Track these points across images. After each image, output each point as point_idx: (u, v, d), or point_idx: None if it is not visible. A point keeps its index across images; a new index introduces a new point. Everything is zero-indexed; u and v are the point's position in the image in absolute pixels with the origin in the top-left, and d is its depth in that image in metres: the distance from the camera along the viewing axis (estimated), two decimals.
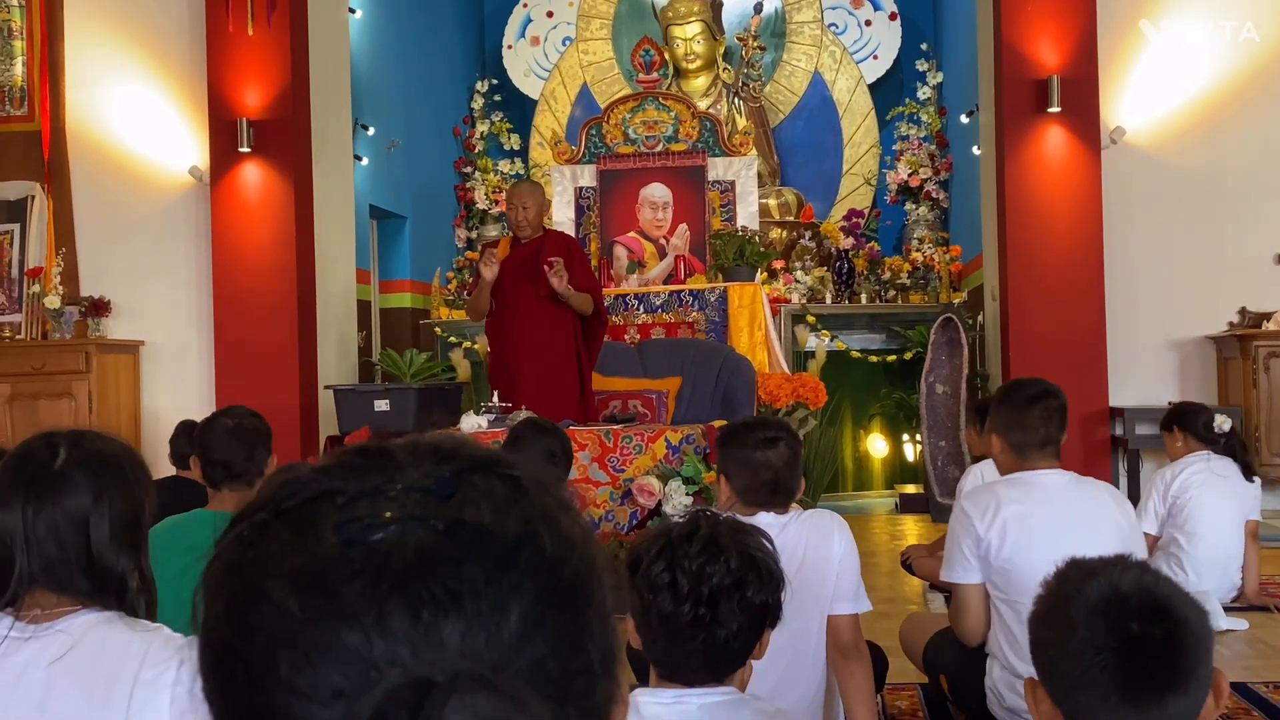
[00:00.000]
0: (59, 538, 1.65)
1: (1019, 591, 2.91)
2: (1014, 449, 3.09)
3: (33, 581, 1.65)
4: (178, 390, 7.83)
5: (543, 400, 5.62)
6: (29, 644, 1.62)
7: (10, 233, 7.95)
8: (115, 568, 1.69)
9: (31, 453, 1.72)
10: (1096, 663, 1.36)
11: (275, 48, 7.56)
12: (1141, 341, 7.32)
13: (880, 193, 11.03)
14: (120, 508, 1.71)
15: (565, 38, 11.77)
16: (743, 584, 1.75)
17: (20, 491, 1.67)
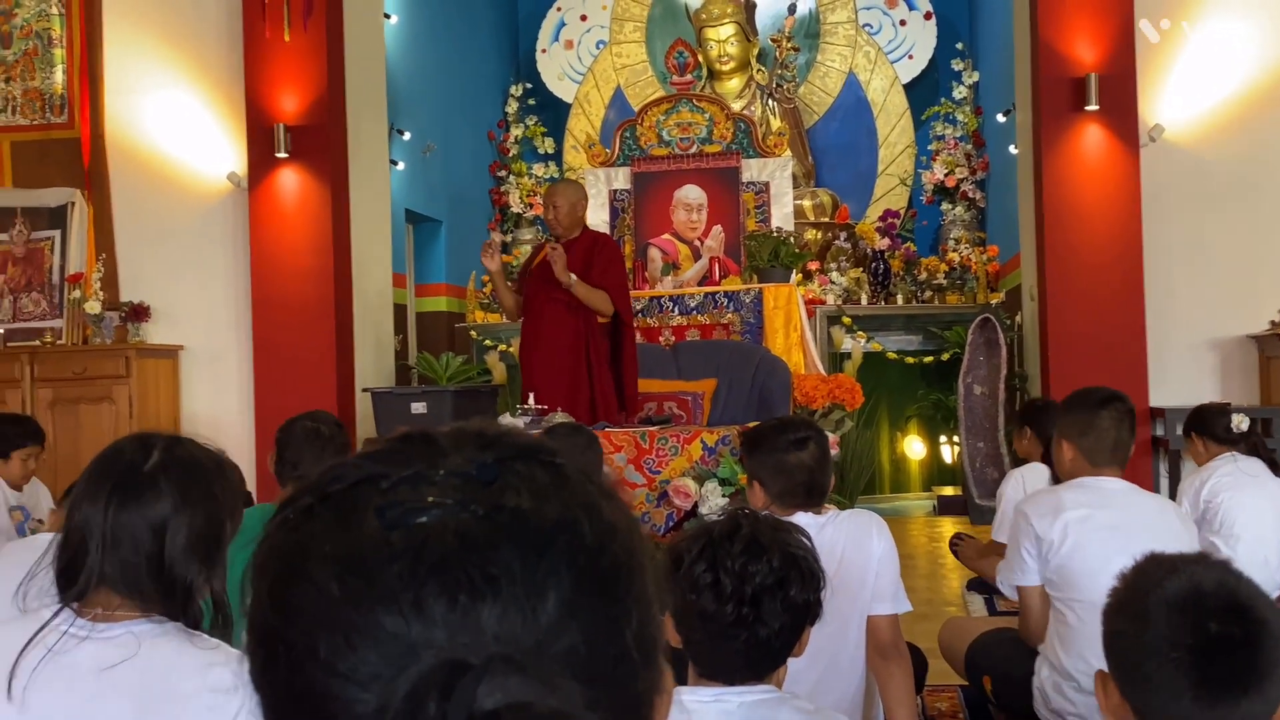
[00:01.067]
0: (135, 541, 1.64)
1: (1074, 590, 2.90)
2: (1085, 454, 3.06)
3: (102, 579, 1.64)
4: (217, 394, 7.89)
5: (562, 402, 5.63)
6: (85, 645, 1.60)
7: (51, 239, 8.04)
8: (184, 578, 1.66)
9: (123, 452, 1.70)
10: (1171, 659, 1.35)
11: (312, 54, 7.60)
12: (1182, 341, 7.25)
13: (916, 193, 10.98)
14: (200, 521, 1.68)
15: (599, 41, 11.79)
16: (785, 583, 1.74)
17: (106, 489, 1.65)
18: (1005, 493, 4.89)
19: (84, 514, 1.65)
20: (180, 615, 1.67)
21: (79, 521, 1.65)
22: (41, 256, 8.02)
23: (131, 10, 8.12)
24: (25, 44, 8.27)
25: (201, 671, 1.62)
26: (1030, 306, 7.59)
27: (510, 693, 0.57)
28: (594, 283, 5.88)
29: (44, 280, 7.99)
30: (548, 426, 5.41)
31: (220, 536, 1.73)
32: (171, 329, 7.98)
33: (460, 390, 5.98)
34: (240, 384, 7.82)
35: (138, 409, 7.50)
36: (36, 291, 7.96)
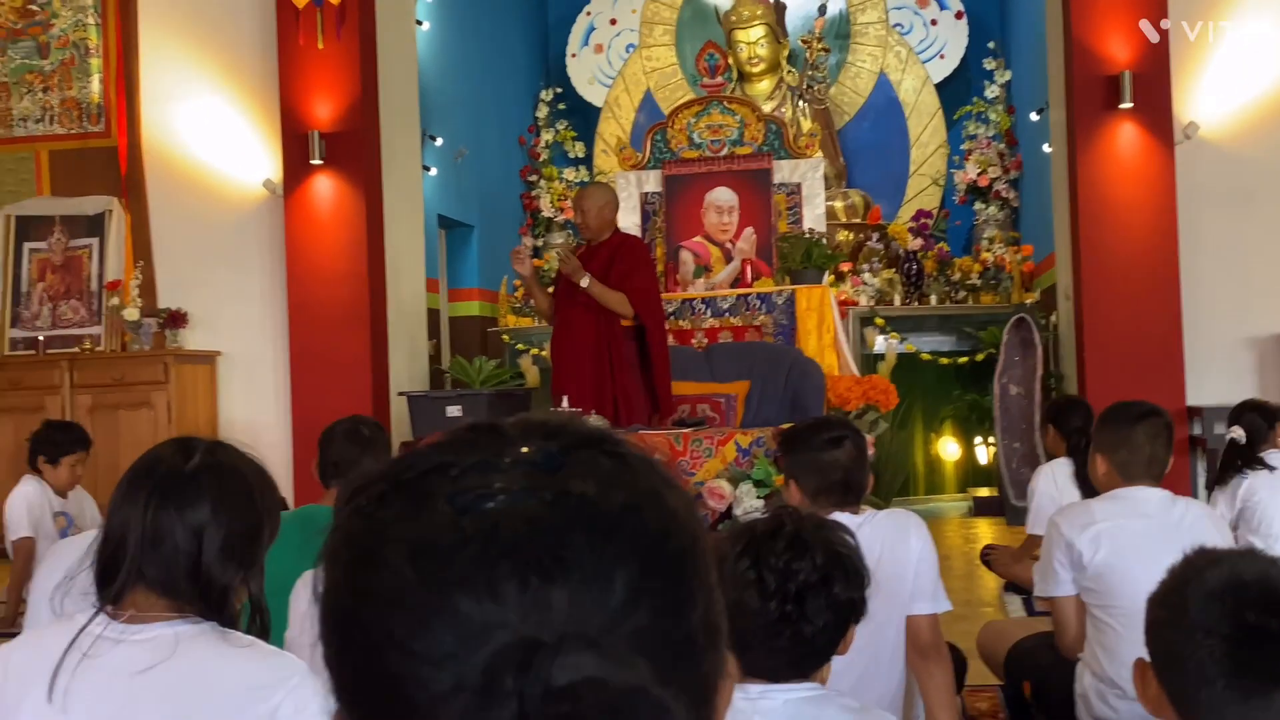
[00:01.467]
0: (173, 542, 1.65)
1: (1113, 598, 2.89)
2: (1119, 469, 3.04)
3: (139, 579, 1.65)
4: (254, 399, 7.96)
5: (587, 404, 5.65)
6: (119, 647, 1.61)
7: (89, 247, 8.13)
8: (220, 581, 1.67)
9: (164, 456, 1.72)
10: (1206, 647, 1.35)
11: (345, 61, 7.66)
12: (1219, 339, 7.19)
13: (948, 193, 10.94)
14: (238, 525, 1.69)
15: (629, 45, 11.81)
16: (830, 580, 1.74)
17: (145, 490, 1.67)
18: (1037, 486, 4.89)
19: (123, 514, 1.67)
20: (216, 617, 1.67)
21: (118, 522, 1.67)
22: (80, 264, 8.11)
23: (167, 19, 8.20)
24: (63, 54, 8.37)
25: (238, 669, 1.63)
26: (1065, 306, 7.55)
27: (584, 669, 0.58)
28: (614, 285, 5.88)
29: (83, 288, 8.08)
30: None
31: (258, 541, 1.74)
32: (209, 335, 8.05)
33: (496, 394, 6.01)
34: (277, 389, 7.88)
35: (176, 414, 7.57)
36: (75, 299, 8.06)
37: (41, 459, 5.38)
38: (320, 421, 6.94)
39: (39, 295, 8.08)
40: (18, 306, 8.07)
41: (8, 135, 8.40)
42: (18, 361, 7.84)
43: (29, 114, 8.38)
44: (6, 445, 7.36)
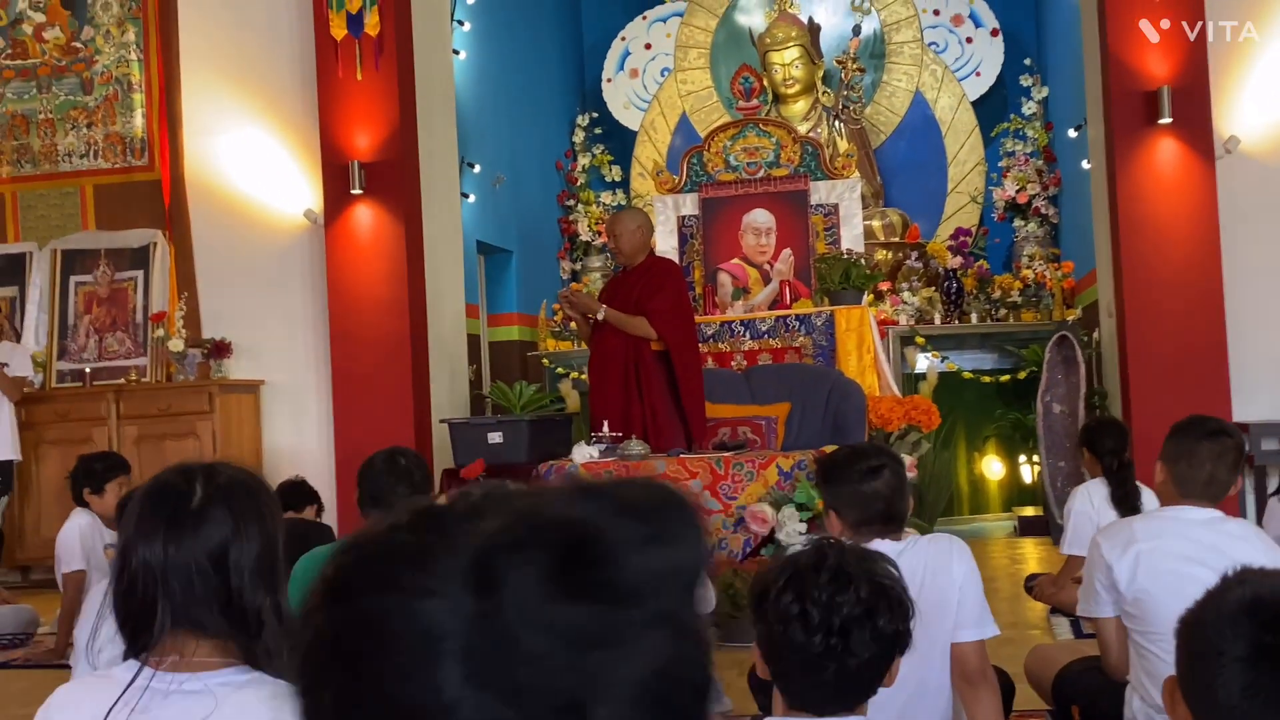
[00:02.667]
0: (200, 576, 1.59)
1: (1152, 624, 2.85)
2: (1176, 482, 2.99)
3: (175, 624, 1.60)
4: (298, 428, 8.03)
5: (633, 429, 5.65)
6: (169, 699, 1.57)
7: (134, 279, 8.24)
8: (254, 605, 1.62)
9: (168, 486, 1.65)
10: (1224, 668, 1.35)
11: (384, 92, 7.74)
12: (1264, 354, 7.10)
13: (987, 210, 10.90)
14: (258, 542, 1.64)
15: (664, 69, 11.86)
16: (874, 613, 1.74)
17: (160, 527, 1.60)
18: (1074, 506, 4.85)
19: (140, 557, 1.61)
20: (254, 644, 1.63)
21: (138, 566, 1.61)
22: (125, 296, 8.22)
23: (208, 54, 8.32)
24: (106, 89, 8.51)
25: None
26: (1108, 323, 7.50)
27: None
28: (637, 308, 5.89)
29: (128, 320, 8.19)
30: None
31: (277, 553, 1.69)
32: (252, 364, 8.13)
33: (536, 420, 6.03)
34: (320, 417, 7.95)
35: (221, 444, 7.65)
36: (121, 331, 8.16)
37: (87, 491, 5.45)
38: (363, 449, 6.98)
39: (85, 328, 8.19)
40: (64, 339, 8.19)
41: (54, 170, 8.55)
42: (65, 394, 7.95)
43: (74, 149, 8.52)
44: (55, 477, 7.45)
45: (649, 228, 6.40)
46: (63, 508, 6.82)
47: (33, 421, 7.80)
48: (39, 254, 8.40)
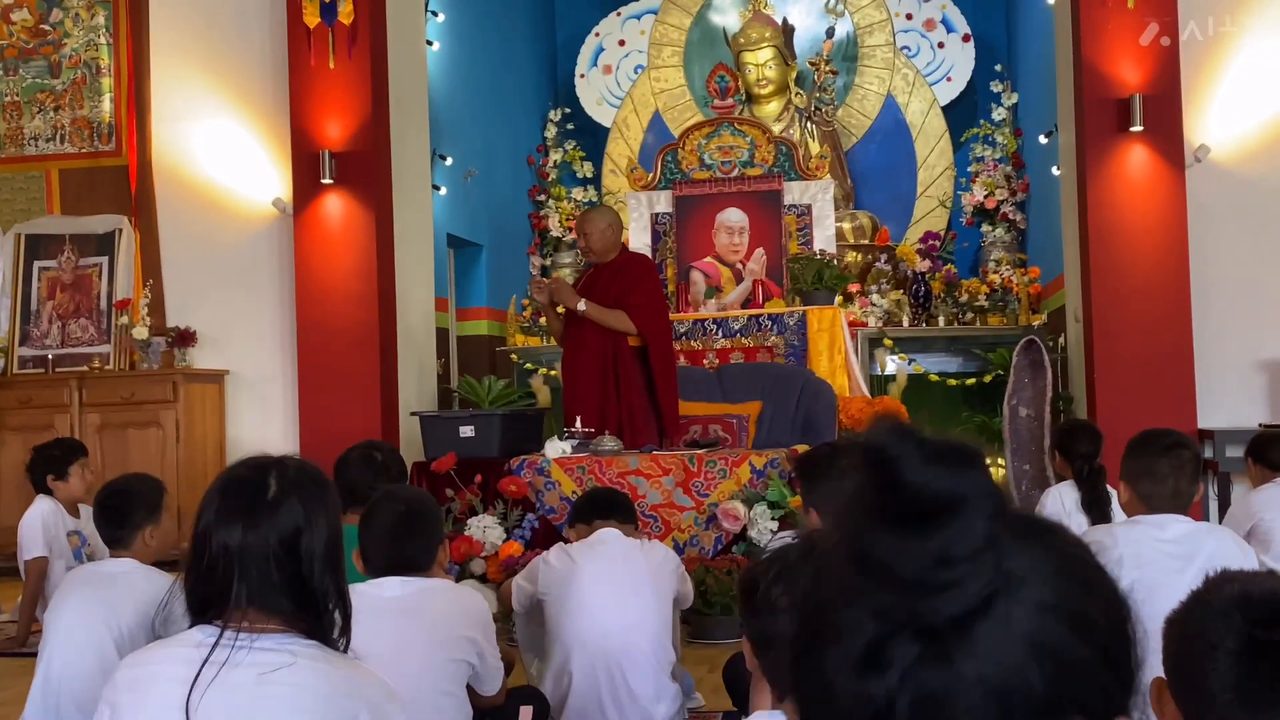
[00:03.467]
0: (274, 561, 1.72)
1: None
2: (1142, 499, 3.03)
3: (249, 602, 1.72)
4: (262, 419, 7.95)
5: (607, 425, 5.64)
6: (239, 653, 1.69)
7: (99, 265, 8.14)
8: (320, 589, 1.75)
9: (244, 479, 1.78)
10: (1215, 662, 1.36)
11: (356, 81, 7.68)
12: (1230, 362, 7.18)
13: (955, 215, 10.95)
14: (325, 531, 1.77)
15: (637, 66, 11.84)
16: None
17: (239, 516, 1.73)
18: (1045, 508, 4.87)
19: (220, 543, 1.73)
20: (316, 624, 1.76)
21: (217, 550, 1.73)
22: (89, 283, 8.12)
23: (178, 39, 8.23)
24: (74, 73, 8.40)
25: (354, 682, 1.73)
26: (1075, 328, 7.55)
27: None
28: (615, 303, 5.87)
29: (92, 306, 8.08)
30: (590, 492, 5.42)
31: (341, 542, 1.83)
32: (217, 354, 8.05)
33: (508, 414, 6.00)
34: (285, 408, 7.88)
35: (184, 434, 7.57)
36: (84, 317, 8.06)
37: (50, 478, 5.38)
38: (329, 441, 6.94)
39: (48, 314, 8.08)
40: (27, 325, 8.07)
41: (19, 154, 8.42)
42: (27, 380, 7.84)
43: (40, 133, 8.40)
44: (16, 464, 7.32)
45: (619, 225, 6.38)
46: (22, 496, 6.72)
47: None
48: (2, 238, 8.27)
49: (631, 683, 3.38)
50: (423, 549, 2.91)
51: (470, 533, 5.25)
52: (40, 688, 3.53)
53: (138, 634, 3.51)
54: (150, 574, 3.64)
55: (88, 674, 3.47)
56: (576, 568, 3.49)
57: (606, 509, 3.69)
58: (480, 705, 2.95)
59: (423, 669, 2.72)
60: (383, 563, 2.86)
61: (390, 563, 2.85)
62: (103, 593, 3.56)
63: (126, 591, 3.55)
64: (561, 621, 3.46)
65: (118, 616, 3.50)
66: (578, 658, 3.39)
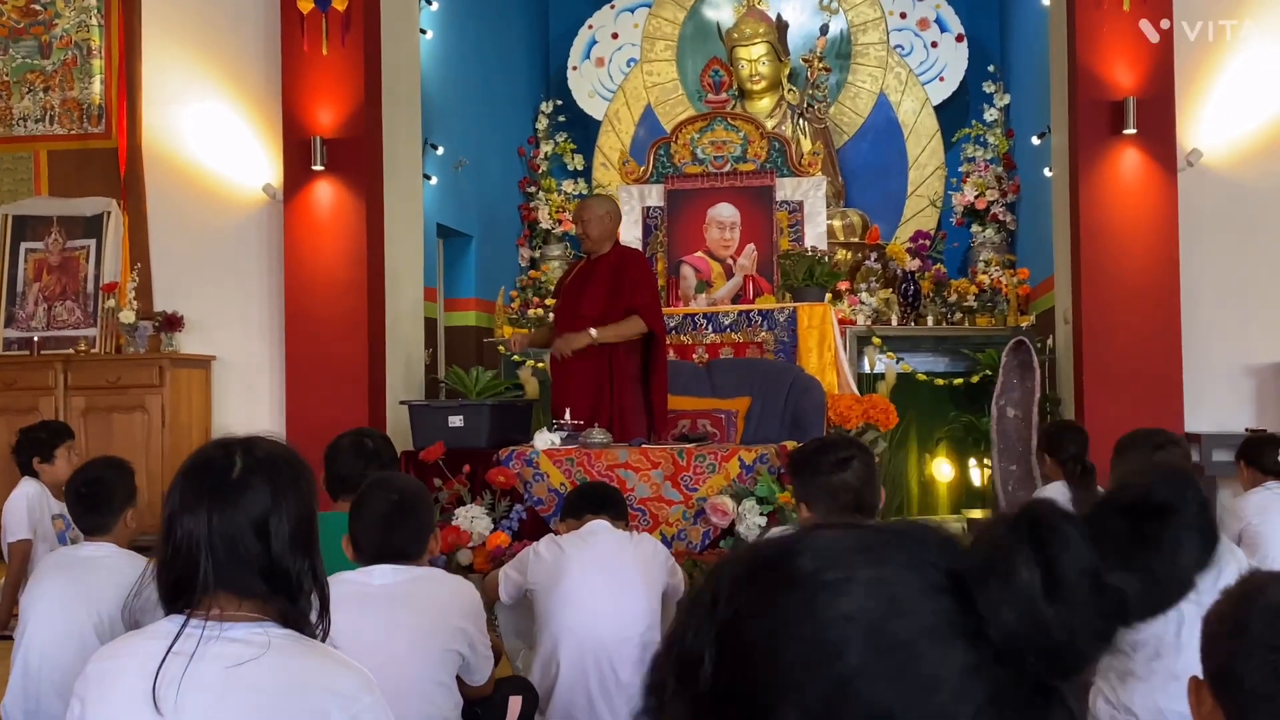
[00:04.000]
0: (241, 543, 1.69)
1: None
2: None
3: (218, 586, 1.69)
4: (249, 405, 7.92)
5: (597, 419, 5.62)
6: (210, 644, 1.66)
7: (86, 248, 8.09)
8: (292, 570, 1.72)
9: (210, 460, 1.75)
10: (1269, 663, 1.36)
11: (349, 68, 7.64)
12: (1218, 367, 7.20)
13: (946, 214, 10.96)
14: (296, 511, 1.74)
15: (630, 59, 11.82)
16: None
17: (204, 498, 1.70)
18: None
19: (186, 526, 1.70)
20: (291, 608, 1.73)
21: (182, 535, 1.70)
22: (76, 265, 8.07)
23: (170, 22, 8.17)
24: (64, 54, 8.34)
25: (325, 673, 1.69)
26: (1064, 330, 7.56)
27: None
28: (623, 302, 5.85)
29: (78, 289, 8.03)
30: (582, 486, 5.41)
31: (314, 523, 1.79)
32: (204, 340, 8.01)
33: (497, 405, 5.97)
34: (272, 395, 7.84)
35: (170, 419, 7.53)
36: (71, 300, 8.01)
37: (36, 460, 5.34)
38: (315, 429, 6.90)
39: (34, 295, 8.03)
40: (13, 306, 8.02)
41: (7, 134, 8.36)
42: (12, 362, 7.78)
43: (29, 113, 8.34)
44: (0, 446, 7.30)
45: (617, 216, 6.36)
46: (7, 478, 6.68)
47: None
48: None
49: (619, 672, 3.38)
50: (414, 538, 2.90)
51: (458, 523, 5.24)
52: (20, 675, 3.51)
53: (117, 618, 3.49)
54: (130, 558, 3.62)
55: (68, 662, 3.45)
56: (566, 558, 3.49)
57: (597, 504, 3.68)
58: (469, 695, 2.94)
59: (413, 658, 2.71)
60: (373, 551, 2.84)
61: (381, 551, 2.83)
62: (82, 579, 3.53)
63: (106, 576, 3.53)
64: (550, 611, 3.45)
65: (98, 602, 3.48)
66: (565, 647, 3.38)
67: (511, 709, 3.09)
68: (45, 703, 3.45)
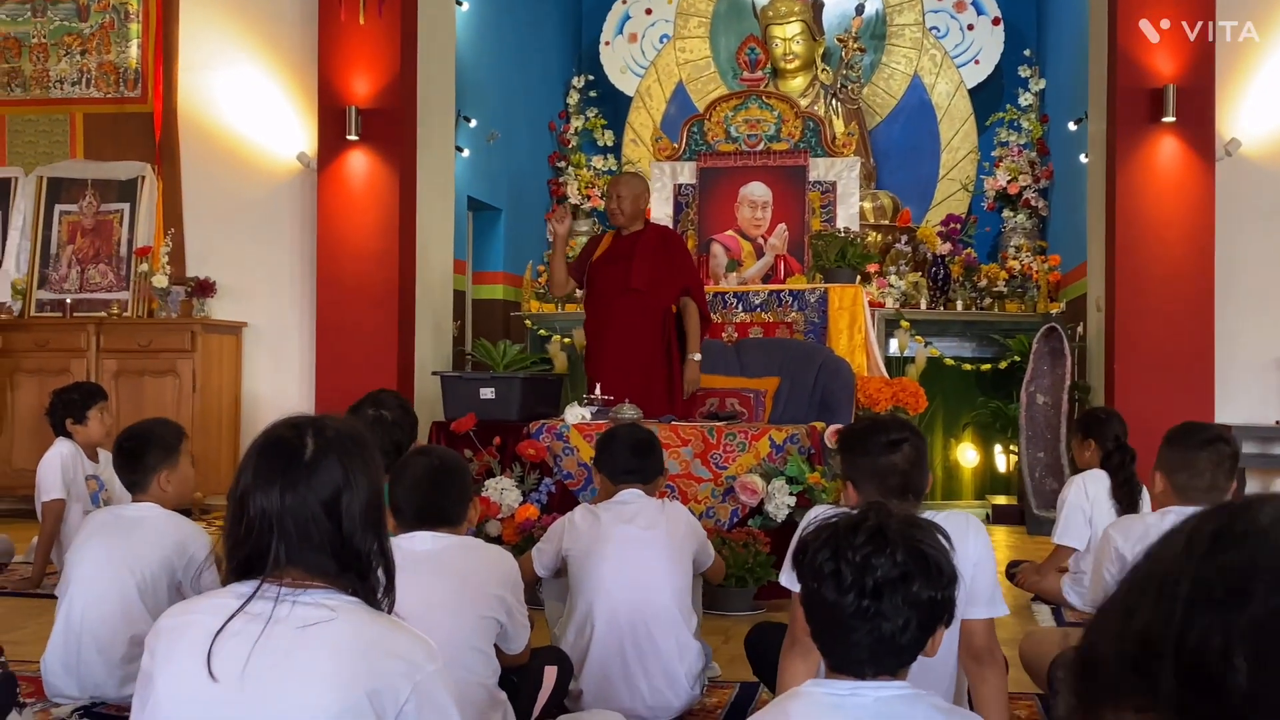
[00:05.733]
0: (312, 522, 1.71)
1: None
2: (1178, 491, 3.03)
3: (289, 563, 1.72)
4: (278, 372, 7.96)
5: (630, 393, 5.63)
6: (282, 606, 1.68)
7: (120, 212, 8.13)
8: (362, 549, 1.75)
9: (281, 440, 1.76)
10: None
11: (385, 38, 7.64)
12: (1251, 358, 7.17)
13: (977, 199, 10.90)
14: (366, 490, 1.76)
15: (663, 35, 11.77)
16: (909, 578, 1.72)
17: (276, 477, 1.72)
18: (1067, 497, 4.88)
19: (257, 505, 1.72)
20: (360, 586, 1.75)
21: (255, 514, 1.72)
22: (110, 229, 8.11)
23: None
24: (102, 17, 8.36)
25: (393, 639, 1.71)
26: (1096, 317, 7.53)
27: None
28: (678, 281, 5.94)
29: (112, 252, 8.08)
30: (616, 416, 5.42)
31: (382, 501, 1.81)
32: (235, 306, 8.05)
33: (528, 378, 5.98)
34: (302, 363, 7.88)
35: (201, 383, 7.57)
36: (104, 263, 8.06)
37: (69, 421, 5.38)
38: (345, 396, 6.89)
39: (68, 258, 8.08)
40: (46, 268, 8.07)
41: (44, 97, 8.40)
42: (44, 323, 7.84)
43: (66, 76, 8.38)
44: (31, 406, 7.37)
45: (648, 195, 6.38)
46: (37, 438, 6.75)
47: (10, 350, 7.70)
48: (24, 180, 8.26)
49: (655, 635, 3.40)
50: (456, 501, 2.92)
51: (487, 494, 5.26)
52: (61, 630, 3.55)
53: (159, 577, 3.53)
54: (172, 518, 3.65)
55: (109, 618, 3.49)
56: (601, 526, 3.51)
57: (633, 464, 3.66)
58: (505, 663, 2.96)
59: (453, 625, 2.73)
60: (414, 513, 2.87)
61: (422, 513, 2.85)
62: (125, 537, 3.57)
63: (148, 535, 3.57)
64: (584, 577, 3.47)
65: (141, 561, 3.52)
66: (599, 612, 3.40)
67: (547, 678, 3.11)
68: (85, 655, 3.49)
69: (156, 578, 3.51)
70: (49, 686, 3.56)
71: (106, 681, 3.49)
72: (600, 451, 3.75)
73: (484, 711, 2.82)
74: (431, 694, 1.69)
